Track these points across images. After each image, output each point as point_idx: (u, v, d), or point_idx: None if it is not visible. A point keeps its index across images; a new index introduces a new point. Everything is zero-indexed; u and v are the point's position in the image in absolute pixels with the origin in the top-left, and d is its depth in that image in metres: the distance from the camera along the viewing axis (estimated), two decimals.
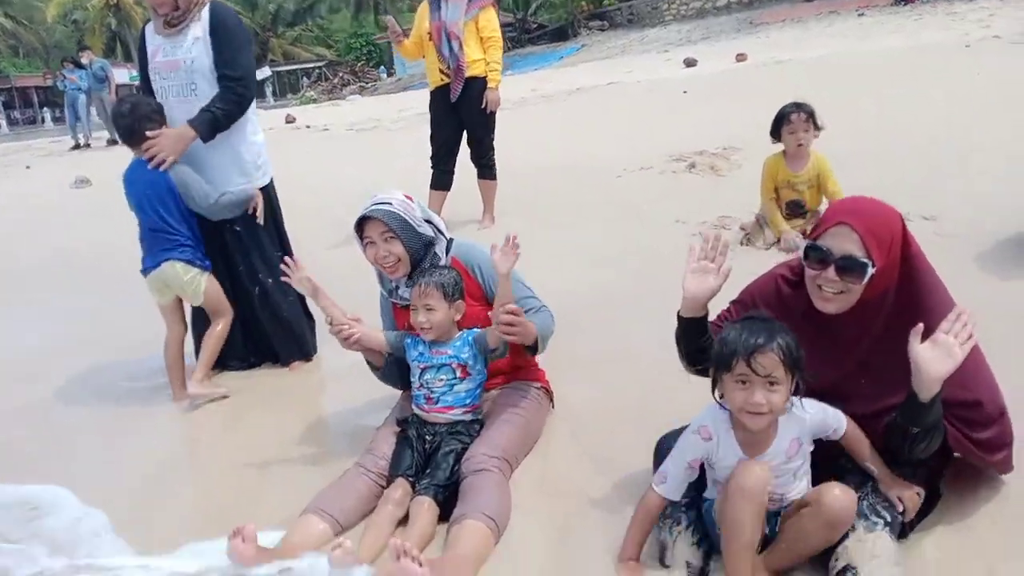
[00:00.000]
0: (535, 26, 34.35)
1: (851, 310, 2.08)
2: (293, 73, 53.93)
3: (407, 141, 11.41)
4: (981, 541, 2.07)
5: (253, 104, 3.69)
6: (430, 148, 6.04)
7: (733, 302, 2.36)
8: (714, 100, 10.26)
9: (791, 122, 4.57)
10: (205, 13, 3.55)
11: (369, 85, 33.62)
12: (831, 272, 2.02)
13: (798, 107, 4.60)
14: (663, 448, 2.41)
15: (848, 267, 2.00)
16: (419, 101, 18.71)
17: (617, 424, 2.94)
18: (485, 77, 5.73)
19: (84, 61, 16.13)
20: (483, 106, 5.76)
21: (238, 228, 3.69)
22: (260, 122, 3.84)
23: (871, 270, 1.99)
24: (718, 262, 2.22)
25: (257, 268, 3.74)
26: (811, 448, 2.11)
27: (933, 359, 1.92)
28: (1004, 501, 2.21)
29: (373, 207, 2.72)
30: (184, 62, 3.51)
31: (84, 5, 52.91)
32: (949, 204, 4.61)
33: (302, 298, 3.92)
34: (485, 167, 6.04)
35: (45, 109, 53.05)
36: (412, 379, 2.79)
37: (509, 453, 2.62)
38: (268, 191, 3.82)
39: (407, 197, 2.80)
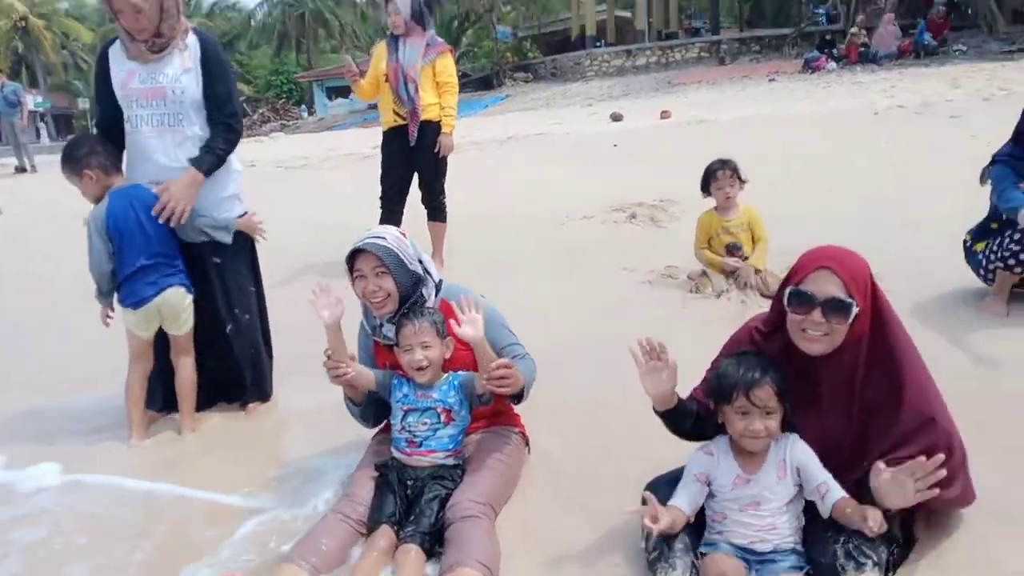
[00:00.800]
0: (460, 74, 34.75)
1: (830, 356, 2.21)
2: None
3: (341, 180, 11.34)
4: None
5: None
6: (380, 188, 5.99)
7: (712, 367, 2.45)
8: (644, 155, 10.57)
9: (718, 178, 4.92)
10: (192, 41, 3.41)
11: (291, 123, 33.27)
12: (817, 315, 2.16)
13: (723, 164, 4.94)
14: (653, 489, 2.47)
15: (834, 308, 2.14)
16: (347, 141, 18.75)
17: (589, 470, 2.99)
18: (439, 122, 5.74)
19: None
20: (436, 150, 5.76)
21: (218, 260, 3.57)
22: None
23: (855, 309, 2.13)
24: (664, 359, 2.31)
25: (234, 302, 3.62)
26: (798, 484, 2.21)
27: (888, 492, 2.05)
28: (975, 535, 2.35)
29: (367, 240, 2.71)
30: (172, 92, 3.35)
31: None
32: (889, 261, 4.86)
33: (266, 336, 3.85)
34: (436, 210, 6.01)
35: None
36: (393, 421, 2.76)
37: (494, 499, 2.62)
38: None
39: (401, 234, 2.81)
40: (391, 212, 5.97)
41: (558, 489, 2.86)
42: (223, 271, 3.59)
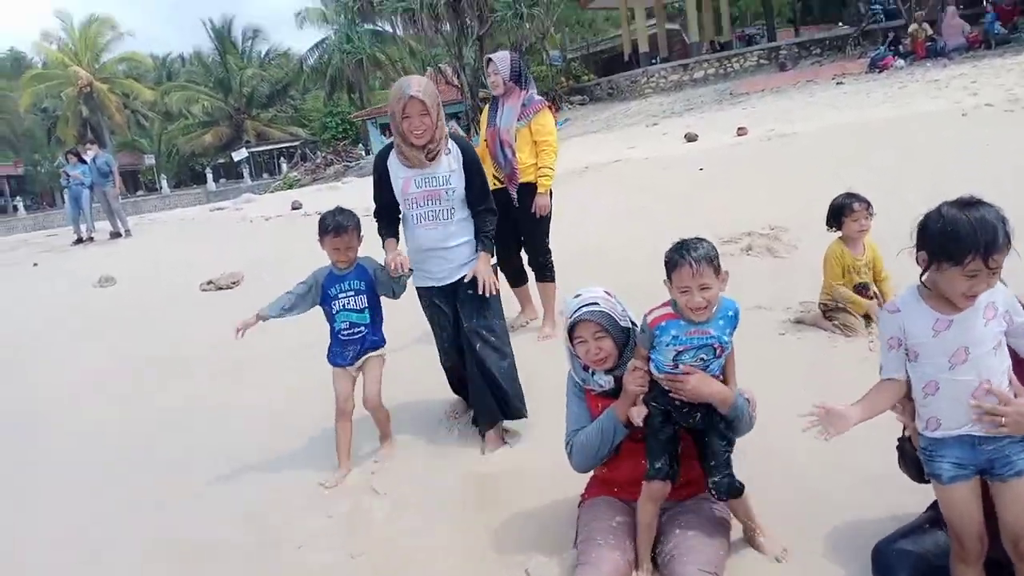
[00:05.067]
0: None
1: None
2: (268, 153, 54.37)
3: None
4: None
5: None
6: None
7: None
8: (735, 178, 10.47)
9: (854, 210, 4.79)
10: (453, 146, 4.11)
11: (353, 164, 33.90)
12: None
13: (854, 196, 4.83)
14: (883, 552, 2.53)
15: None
16: None
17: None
18: (536, 183, 5.68)
19: (88, 155, 16.09)
20: (533, 211, 5.70)
21: (470, 292, 4.15)
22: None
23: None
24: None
25: (478, 328, 4.16)
26: (1004, 327, 2.17)
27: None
28: None
29: (585, 309, 2.88)
30: (446, 193, 4.06)
31: (56, 94, 53.23)
32: None
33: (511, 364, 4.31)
34: (543, 269, 5.96)
35: (18, 198, 52.77)
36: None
37: (720, 569, 2.72)
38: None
39: (607, 293, 2.97)
40: (513, 270, 6.08)
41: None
42: (472, 300, 4.18)
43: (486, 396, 4.18)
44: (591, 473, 3.14)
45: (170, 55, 64.94)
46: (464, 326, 4.18)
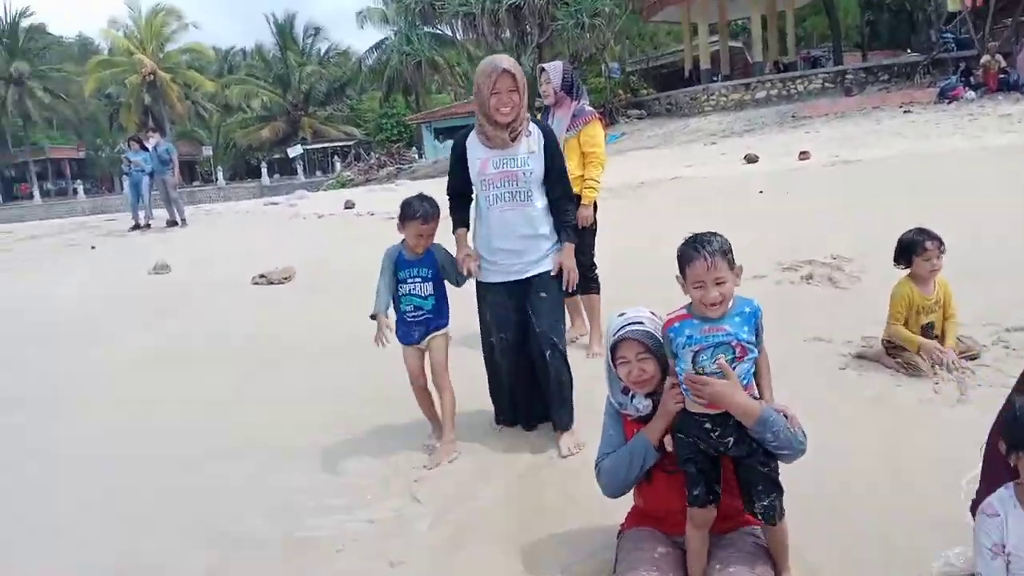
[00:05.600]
0: None
1: None
2: (323, 151, 55.14)
3: None
4: None
5: None
6: None
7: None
8: (796, 203, 10.25)
9: (927, 249, 4.60)
10: (534, 128, 4.06)
11: (406, 167, 34.12)
12: None
13: (926, 234, 4.63)
14: None
15: None
16: None
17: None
18: (581, 194, 5.54)
19: (151, 143, 16.41)
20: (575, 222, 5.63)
21: (543, 295, 4.13)
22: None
23: None
24: None
25: (550, 333, 4.12)
26: None
27: None
28: None
29: (629, 328, 2.79)
30: (523, 174, 4.00)
31: (120, 81, 54.57)
32: None
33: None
34: (587, 281, 5.76)
35: (78, 181, 54.31)
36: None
37: None
38: None
39: (652, 313, 2.86)
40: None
41: None
42: (544, 304, 4.14)
43: (557, 404, 4.20)
44: (631, 504, 3.06)
45: (232, 48, 66.36)
46: (537, 330, 4.13)
